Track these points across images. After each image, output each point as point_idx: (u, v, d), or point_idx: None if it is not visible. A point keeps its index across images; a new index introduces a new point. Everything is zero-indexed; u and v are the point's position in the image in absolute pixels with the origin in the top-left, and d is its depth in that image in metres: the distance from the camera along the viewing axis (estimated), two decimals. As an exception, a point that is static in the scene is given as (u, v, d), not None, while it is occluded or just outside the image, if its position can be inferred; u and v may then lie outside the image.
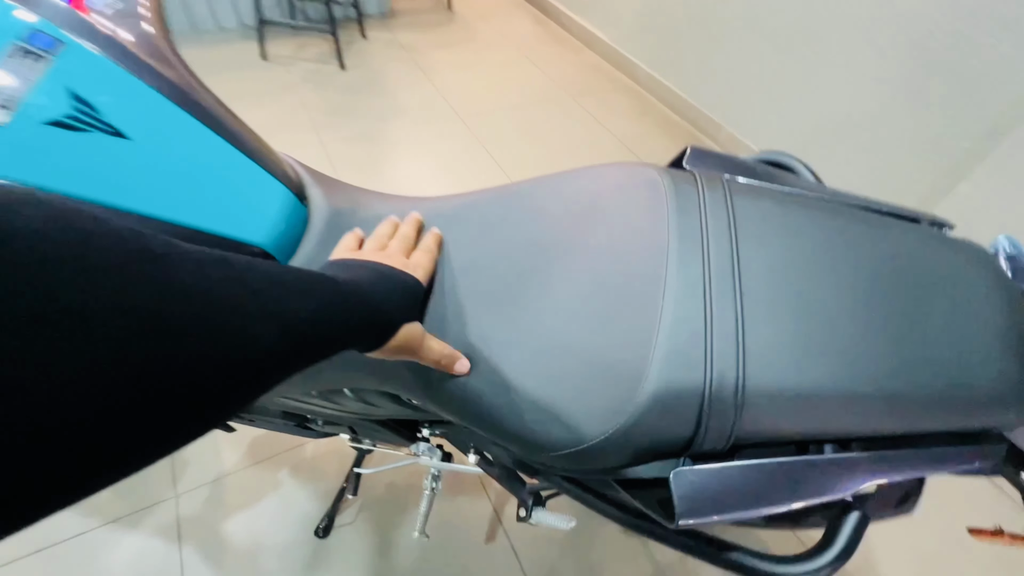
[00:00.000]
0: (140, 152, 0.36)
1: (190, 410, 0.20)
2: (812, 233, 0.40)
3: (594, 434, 0.37)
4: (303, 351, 0.27)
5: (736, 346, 0.36)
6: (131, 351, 0.17)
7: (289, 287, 0.27)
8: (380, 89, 2.25)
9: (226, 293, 0.22)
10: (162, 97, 0.38)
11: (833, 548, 0.37)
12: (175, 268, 0.20)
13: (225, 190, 0.40)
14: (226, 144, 0.41)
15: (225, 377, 0.21)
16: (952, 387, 0.36)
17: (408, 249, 0.46)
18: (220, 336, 0.21)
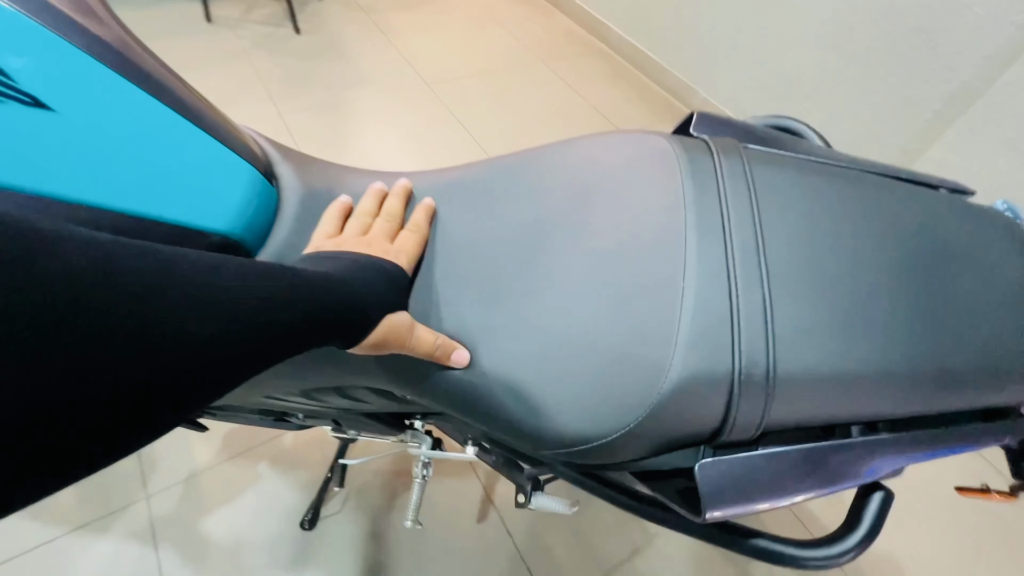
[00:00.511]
0: (68, 127, 0.30)
1: (107, 421, 0.18)
2: (837, 204, 0.38)
3: (613, 429, 0.34)
4: (258, 348, 0.25)
5: (765, 329, 0.33)
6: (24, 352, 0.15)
7: (229, 275, 0.24)
8: (340, 54, 2.10)
9: (142, 282, 0.19)
10: (93, 60, 0.32)
11: (859, 529, 0.36)
12: (72, 254, 0.17)
13: (177, 170, 0.34)
14: (175, 115, 0.35)
15: (136, 380, 0.19)
16: (983, 362, 0.35)
17: (394, 230, 0.42)
18: (128, 330, 0.18)
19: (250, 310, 0.24)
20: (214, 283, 0.23)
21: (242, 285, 0.24)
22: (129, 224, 0.32)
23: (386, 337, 0.35)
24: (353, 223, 0.41)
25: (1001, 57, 1.22)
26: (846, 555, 0.36)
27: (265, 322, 0.25)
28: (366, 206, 0.42)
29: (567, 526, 1.05)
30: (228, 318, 0.23)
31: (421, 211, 0.43)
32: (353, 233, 0.40)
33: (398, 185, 0.44)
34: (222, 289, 0.23)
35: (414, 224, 0.42)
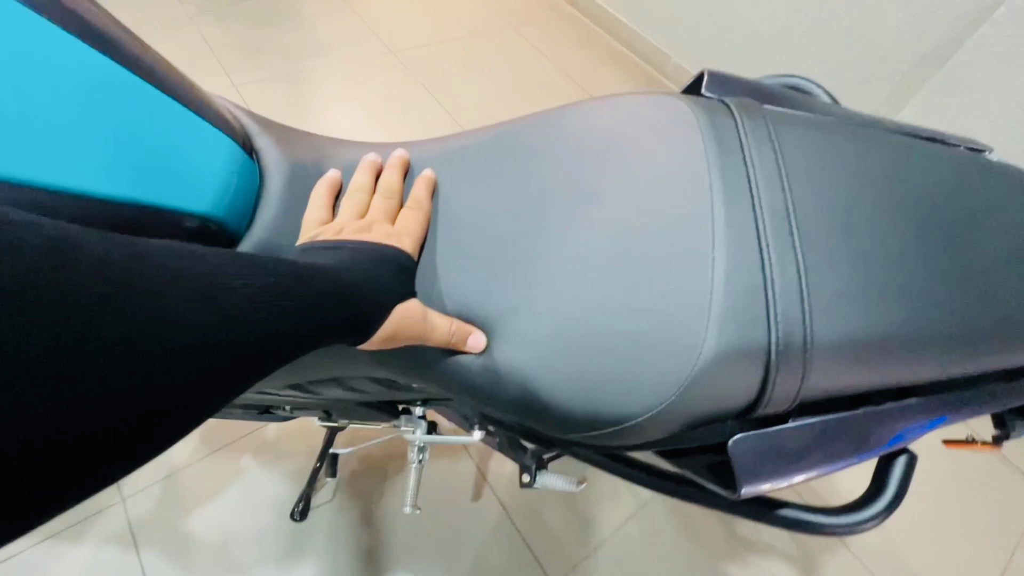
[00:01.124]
0: (12, 95, 0.25)
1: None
2: (862, 165, 0.36)
3: (644, 409, 0.33)
4: (253, 357, 0.21)
5: (800, 298, 0.32)
6: None
7: (215, 271, 0.20)
8: (296, 21, 1.97)
9: (133, 276, 0.17)
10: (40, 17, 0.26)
11: (886, 494, 0.36)
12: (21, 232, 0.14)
13: (145, 143, 0.30)
14: (138, 79, 0.30)
15: (145, 391, 0.16)
16: (1009, 322, 0.35)
17: (394, 208, 0.38)
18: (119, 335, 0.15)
19: (243, 314, 0.21)
20: (199, 279, 0.19)
21: (231, 284, 0.21)
22: (93, 208, 0.27)
23: (398, 330, 0.32)
24: (347, 204, 0.37)
25: (970, 18, 1.24)
26: (874, 519, 0.36)
27: (260, 329, 0.21)
28: (360, 182, 0.39)
29: (561, 499, 1.06)
30: (217, 322, 0.19)
31: (421, 185, 0.39)
32: (349, 217, 0.36)
33: (394, 156, 0.41)
34: (209, 288, 0.19)
35: (415, 200, 0.39)
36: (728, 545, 1.05)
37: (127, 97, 0.29)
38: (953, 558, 1.10)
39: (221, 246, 0.34)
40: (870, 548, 1.09)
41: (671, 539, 1.04)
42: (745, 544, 1.06)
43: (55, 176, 0.26)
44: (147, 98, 0.30)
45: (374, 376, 0.44)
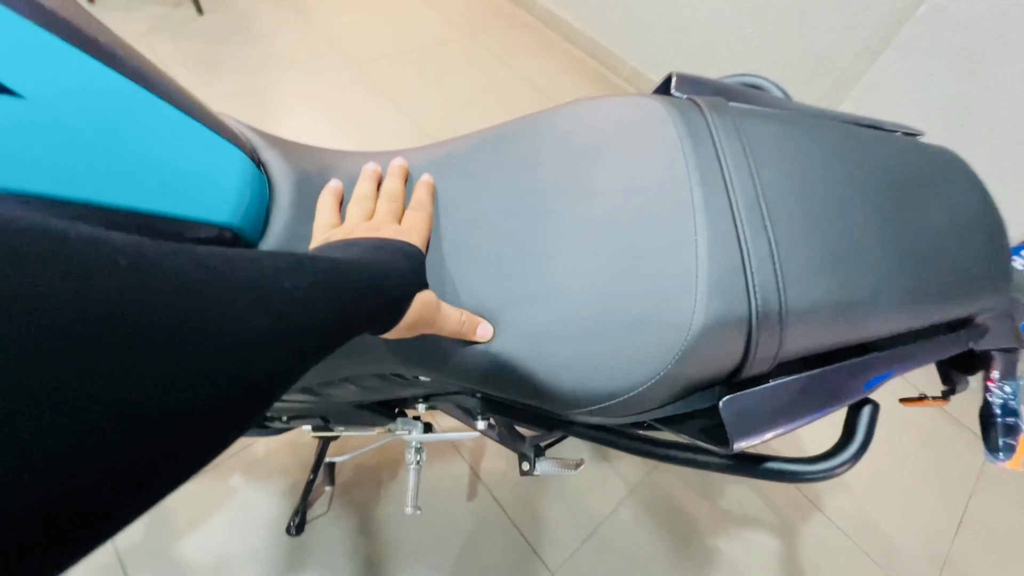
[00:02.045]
0: (40, 115, 0.26)
1: (189, 436, 0.16)
2: (818, 152, 0.41)
3: (644, 379, 0.36)
4: (308, 341, 0.23)
5: (774, 271, 0.36)
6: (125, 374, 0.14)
7: (269, 268, 0.22)
8: (252, 36, 1.94)
9: (205, 289, 0.18)
10: (54, 37, 0.28)
11: (855, 440, 0.41)
12: (145, 270, 0.16)
13: (166, 159, 0.31)
14: (158, 100, 0.31)
15: (216, 386, 0.17)
16: (950, 281, 0.40)
17: (398, 211, 0.40)
18: (206, 337, 0.17)
19: (294, 314, 0.22)
20: (257, 286, 0.21)
21: (282, 285, 0.22)
22: (120, 220, 0.29)
23: (418, 317, 0.34)
24: (353, 209, 0.39)
25: (895, 17, 1.35)
26: (848, 462, 0.40)
27: (309, 325, 0.23)
28: (364, 189, 0.41)
29: (553, 491, 1.09)
30: (275, 323, 0.21)
31: (422, 189, 0.42)
32: (358, 219, 0.38)
33: (394, 165, 0.43)
34: (266, 293, 0.21)
35: (417, 203, 0.41)
36: (713, 521, 1.11)
37: (151, 117, 0.31)
38: (916, 512, 1.19)
39: (238, 254, 0.36)
40: (842, 511, 1.16)
41: (660, 519, 1.09)
42: (728, 518, 1.11)
43: (85, 191, 0.28)
44: (169, 117, 0.32)
45: (382, 372, 0.46)
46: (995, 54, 1.17)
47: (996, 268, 0.42)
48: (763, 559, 1.07)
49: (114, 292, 0.15)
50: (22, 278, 0.12)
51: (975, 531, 1.18)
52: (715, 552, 1.06)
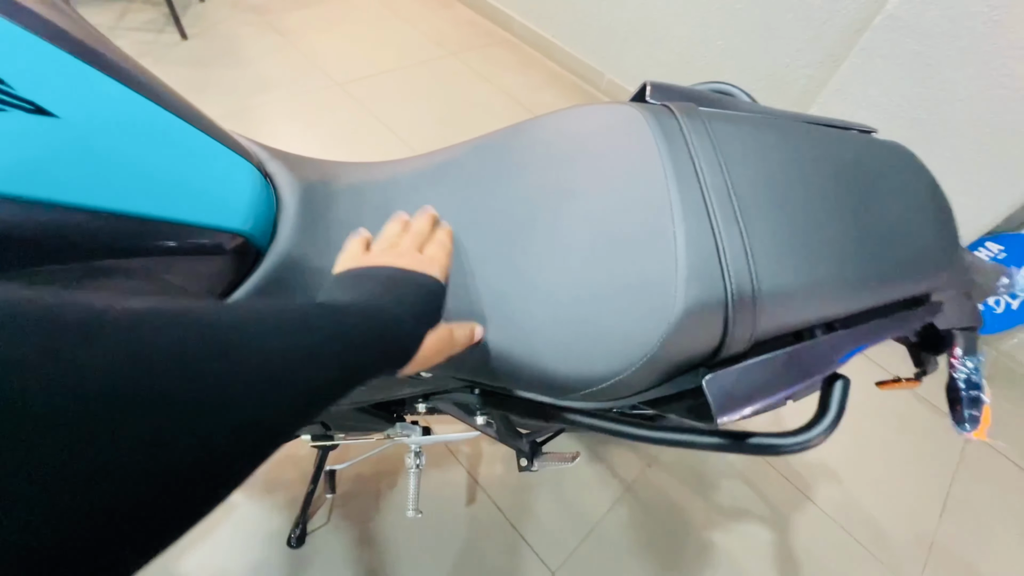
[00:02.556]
0: (75, 132, 0.29)
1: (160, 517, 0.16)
2: (782, 149, 0.45)
3: (632, 362, 0.39)
4: (313, 398, 0.24)
5: (746, 258, 0.39)
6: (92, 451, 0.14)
7: (276, 329, 0.23)
8: (236, 59, 1.97)
9: (201, 349, 0.18)
10: (82, 63, 0.30)
11: (829, 413, 0.44)
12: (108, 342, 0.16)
13: (185, 170, 0.34)
14: (173, 117, 0.34)
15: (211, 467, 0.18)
16: (905, 262, 0.44)
17: (422, 245, 0.41)
18: (197, 417, 0.17)
19: (299, 375, 0.22)
20: (252, 347, 0.21)
21: (285, 343, 0.23)
22: (143, 228, 0.31)
23: (431, 354, 0.34)
24: (379, 245, 0.40)
25: (855, 26, 1.43)
26: (824, 433, 0.43)
27: (314, 382, 0.23)
28: (391, 230, 0.41)
29: (551, 492, 1.11)
30: (270, 385, 0.21)
31: (443, 232, 0.42)
32: (382, 250, 0.39)
33: (423, 210, 0.44)
34: (282, 365, 0.21)
35: (438, 240, 0.41)
36: (708, 515, 1.13)
37: (169, 133, 0.33)
38: (902, 498, 1.23)
39: (249, 257, 0.38)
40: (832, 500, 1.19)
41: (656, 516, 1.11)
42: (723, 512, 1.14)
43: (114, 201, 0.30)
44: (185, 134, 0.34)
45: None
46: (949, 58, 1.24)
47: (945, 248, 0.46)
48: (758, 549, 1.10)
49: (117, 364, 0.15)
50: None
51: (958, 513, 1.22)
52: (711, 545, 1.09)
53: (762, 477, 1.21)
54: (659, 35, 1.91)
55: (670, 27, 1.86)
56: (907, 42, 1.28)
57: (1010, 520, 1.24)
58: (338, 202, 0.44)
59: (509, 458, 1.15)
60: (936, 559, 1.14)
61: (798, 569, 1.08)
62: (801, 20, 1.54)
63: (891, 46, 1.31)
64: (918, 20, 1.24)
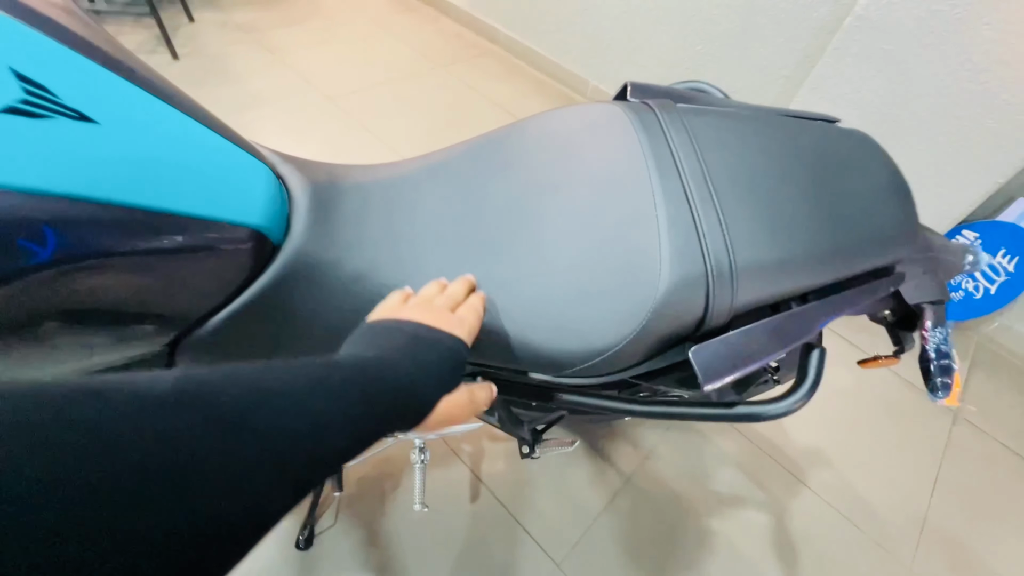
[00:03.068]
0: (112, 137, 0.32)
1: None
2: (753, 138, 0.49)
3: (623, 336, 0.42)
4: (332, 462, 0.26)
5: (723, 237, 0.43)
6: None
7: (280, 389, 0.24)
8: (227, 78, 2.01)
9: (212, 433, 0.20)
10: (113, 74, 0.34)
11: (807, 380, 0.47)
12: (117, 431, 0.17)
13: (208, 171, 0.37)
14: (196, 124, 0.37)
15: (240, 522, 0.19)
16: (870, 236, 0.47)
17: (455, 307, 0.42)
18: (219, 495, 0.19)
19: (324, 440, 0.24)
20: (309, 419, 0.23)
21: (324, 420, 0.24)
22: (174, 223, 0.34)
23: (443, 417, 0.35)
24: (415, 301, 0.41)
25: (827, 28, 1.49)
26: (802, 400, 0.47)
27: (337, 446, 0.25)
28: (429, 291, 0.43)
29: (553, 487, 1.13)
30: (317, 448, 0.23)
31: (476, 297, 0.43)
32: (416, 305, 0.40)
33: (462, 278, 0.45)
34: (315, 428, 0.24)
35: (471, 304, 0.42)
36: (706, 503, 1.16)
37: (194, 138, 0.36)
38: (893, 480, 1.26)
39: (266, 251, 0.41)
40: (826, 484, 1.23)
41: (656, 506, 1.14)
42: (721, 500, 1.17)
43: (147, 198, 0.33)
44: (203, 136, 0.37)
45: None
46: (916, 55, 1.30)
47: (905, 223, 0.50)
48: (757, 534, 1.13)
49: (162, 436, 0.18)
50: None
51: (948, 492, 1.26)
52: (711, 532, 1.11)
53: (757, 465, 1.24)
54: (640, 42, 1.97)
55: (651, 34, 1.93)
56: (876, 41, 1.35)
57: (999, 497, 1.28)
58: (344, 200, 0.47)
59: (510, 455, 1.17)
60: (929, 537, 1.17)
61: (796, 551, 1.11)
62: (775, 24, 1.60)
63: (861, 46, 1.37)
64: (885, 20, 1.30)
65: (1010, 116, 1.23)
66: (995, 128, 1.26)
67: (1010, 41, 1.17)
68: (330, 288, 0.44)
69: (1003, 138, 1.26)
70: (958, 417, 1.43)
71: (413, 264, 0.46)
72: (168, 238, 0.34)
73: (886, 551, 1.14)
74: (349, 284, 0.44)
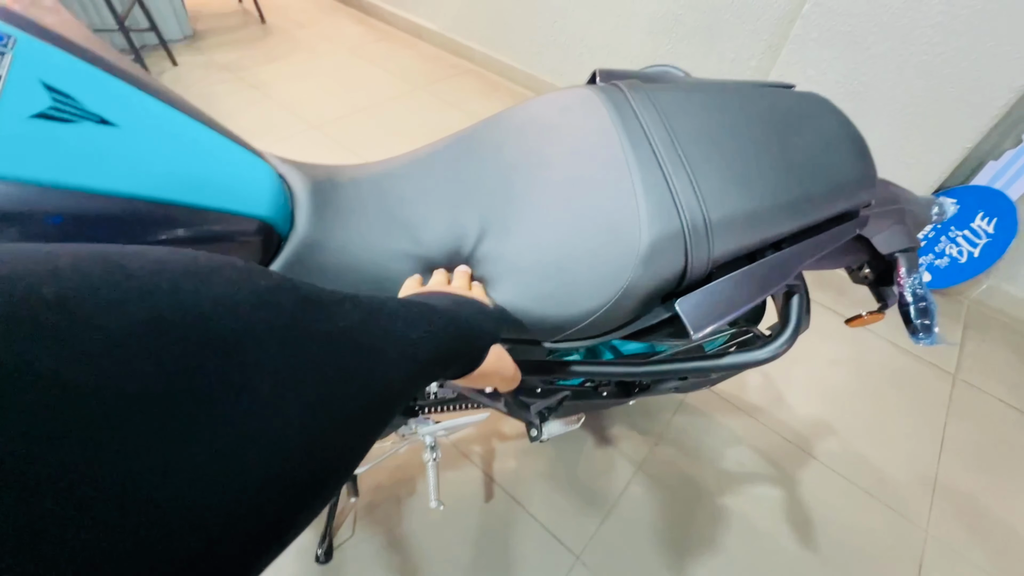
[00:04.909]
0: (131, 138, 0.35)
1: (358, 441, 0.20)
2: (714, 105, 0.53)
3: (612, 294, 0.45)
4: (421, 377, 0.27)
5: (695, 194, 0.46)
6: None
7: (404, 319, 0.27)
8: (213, 114, 2.01)
9: (370, 338, 0.22)
10: (128, 85, 0.37)
11: (791, 323, 0.50)
12: (329, 318, 0.20)
13: (217, 168, 0.40)
14: (203, 126, 0.41)
15: (368, 415, 0.21)
16: (830, 182, 0.51)
17: (467, 288, 0.46)
18: (371, 377, 0.21)
19: (423, 361, 0.26)
20: (402, 337, 0.25)
21: (414, 337, 0.26)
22: (190, 215, 0.37)
23: (494, 369, 0.39)
24: (430, 287, 0.45)
25: (787, 17, 1.56)
26: (787, 343, 0.50)
27: (429, 369, 0.27)
28: (438, 278, 0.47)
29: (566, 480, 1.14)
30: (413, 367, 0.25)
31: (477, 287, 0.47)
32: (437, 284, 0.44)
33: (460, 269, 0.49)
34: (409, 345, 0.25)
35: (478, 287, 0.47)
36: (718, 482, 1.17)
37: (204, 139, 0.40)
38: (900, 445, 1.28)
39: (273, 243, 0.44)
40: (834, 454, 1.24)
41: (669, 489, 1.15)
42: (732, 478, 1.18)
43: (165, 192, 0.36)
44: (209, 137, 0.41)
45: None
46: (874, 34, 1.36)
47: (862, 170, 0.53)
48: (771, 509, 1.14)
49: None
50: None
51: (955, 452, 1.28)
52: (724, 509, 1.13)
53: (765, 441, 1.26)
54: (613, 46, 2.04)
55: (622, 37, 2.00)
56: (835, 25, 1.41)
57: (1005, 453, 1.29)
58: (342, 193, 0.50)
59: (520, 453, 1.19)
60: (941, 496, 1.19)
61: (809, 520, 1.12)
62: (738, 18, 1.67)
63: (820, 30, 1.44)
64: (840, 3, 1.37)
65: (968, 83, 1.29)
66: (955, 95, 1.32)
67: (957, 12, 1.23)
68: (336, 273, 0.46)
69: (964, 104, 1.32)
70: (956, 379, 1.46)
71: (412, 245, 0.49)
72: (185, 229, 0.37)
73: (900, 515, 1.15)
74: (354, 269, 0.47)
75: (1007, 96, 1.26)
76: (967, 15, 1.22)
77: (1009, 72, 1.23)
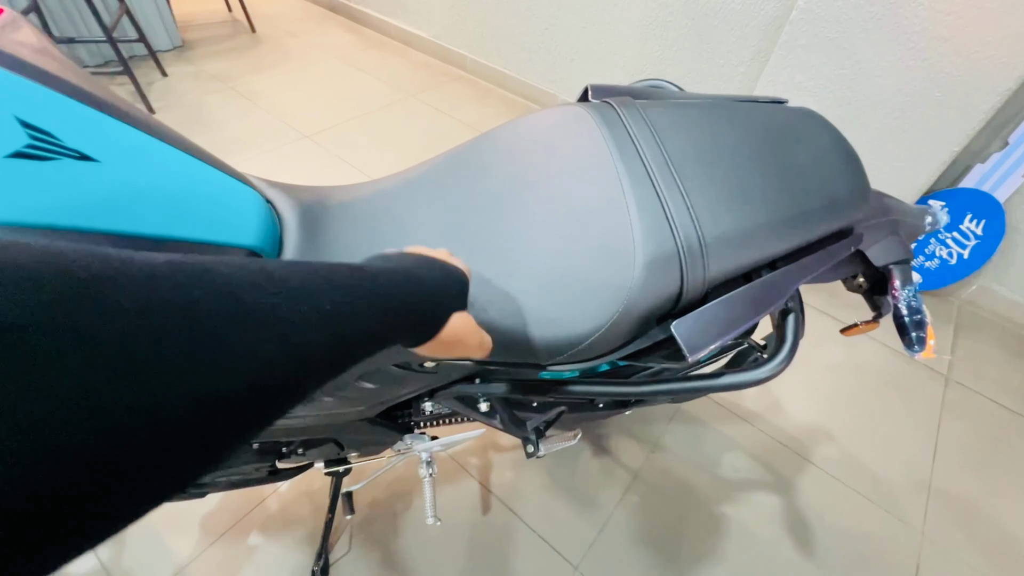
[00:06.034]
0: (112, 173, 0.34)
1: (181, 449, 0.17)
2: (706, 122, 0.53)
3: (608, 317, 0.45)
4: (333, 349, 0.24)
5: (689, 214, 0.46)
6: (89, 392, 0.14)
7: (295, 282, 0.23)
8: (206, 126, 2.05)
9: (214, 308, 0.19)
10: (108, 117, 0.36)
11: (786, 345, 0.50)
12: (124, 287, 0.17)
13: (201, 199, 0.39)
14: (187, 156, 0.40)
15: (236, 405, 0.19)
16: (824, 200, 0.51)
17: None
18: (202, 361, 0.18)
19: (344, 326, 0.24)
20: (286, 294, 0.22)
21: (312, 286, 0.24)
22: (174, 248, 0.37)
23: (457, 336, 0.35)
24: None
25: (775, 23, 1.57)
26: (783, 363, 0.49)
27: (351, 334, 0.25)
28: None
29: (563, 490, 1.14)
30: (331, 339, 0.23)
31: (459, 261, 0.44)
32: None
33: (440, 251, 0.45)
34: (333, 313, 0.23)
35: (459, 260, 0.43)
36: (715, 489, 1.17)
37: (182, 168, 0.39)
38: (895, 448, 1.28)
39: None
40: (830, 459, 1.25)
41: (666, 497, 1.15)
42: (729, 484, 1.18)
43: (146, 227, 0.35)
44: (195, 168, 0.40)
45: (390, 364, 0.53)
46: (860, 40, 1.37)
47: (856, 187, 0.53)
48: (768, 515, 1.14)
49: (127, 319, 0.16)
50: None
51: (949, 454, 1.28)
52: (723, 517, 1.12)
53: (761, 448, 1.26)
54: (603, 54, 2.05)
55: (612, 45, 2.00)
56: (821, 31, 1.42)
57: (999, 453, 1.30)
58: (331, 217, 0.49)
59: (517, 465, 1.18)
60: (936, 500, 1.19)
61: (807, 526, 1.12)
62: (726, 24, 1.68)
63: (808, 36, 1.45)
64: (827, 10, 1.38)
65: (954, 87, 1.30)
66: (942, 99, 1.33)
67: (943, 18, 1.24)
68: None
69: (950, 108, 1.33)
70: (949, 380, 1.47)
71: None
72: (170, 262, 0.36)
73: (896, 518, 1.15)
74: None
75: (993, 100, 1.27)
76: (951, 20, 1.23)
77: (994, 76, 1.25)
